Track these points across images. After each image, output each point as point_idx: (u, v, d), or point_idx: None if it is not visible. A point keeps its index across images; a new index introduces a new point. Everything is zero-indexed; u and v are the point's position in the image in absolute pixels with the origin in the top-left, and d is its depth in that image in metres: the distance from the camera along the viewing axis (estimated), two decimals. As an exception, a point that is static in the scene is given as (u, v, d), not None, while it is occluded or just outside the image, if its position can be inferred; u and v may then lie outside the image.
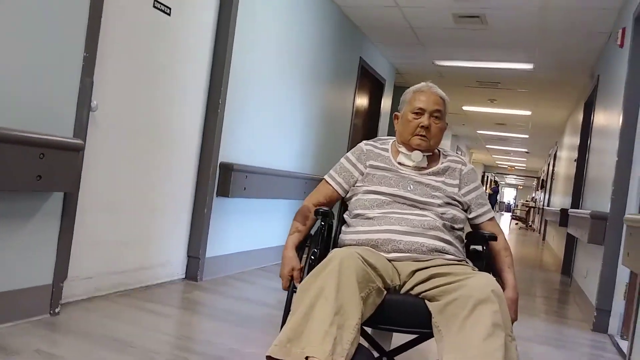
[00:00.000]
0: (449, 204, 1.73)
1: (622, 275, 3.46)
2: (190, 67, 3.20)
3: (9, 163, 1.96)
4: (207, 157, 3.34)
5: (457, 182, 1.79)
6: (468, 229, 1.88)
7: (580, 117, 6.18)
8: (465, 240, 1.80)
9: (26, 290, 2.23)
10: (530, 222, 18.38)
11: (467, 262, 1.70)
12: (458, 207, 1.75)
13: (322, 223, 1.72)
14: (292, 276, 1.61)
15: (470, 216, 1.81)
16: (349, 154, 1.88)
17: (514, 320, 1.55)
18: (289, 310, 1.41)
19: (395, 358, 1.71)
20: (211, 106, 3.34)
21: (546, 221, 11.01)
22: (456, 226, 1.72)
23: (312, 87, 4.72)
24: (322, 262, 1.46)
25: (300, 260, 1.67)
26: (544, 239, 12.03)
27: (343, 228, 1.80)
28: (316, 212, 1.74)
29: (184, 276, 3.40)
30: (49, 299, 2.33)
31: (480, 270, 1.65)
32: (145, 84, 2.88)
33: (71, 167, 2.22)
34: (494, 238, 1.72)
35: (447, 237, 1.67)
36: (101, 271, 2.76)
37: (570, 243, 6.03)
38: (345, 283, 1.37)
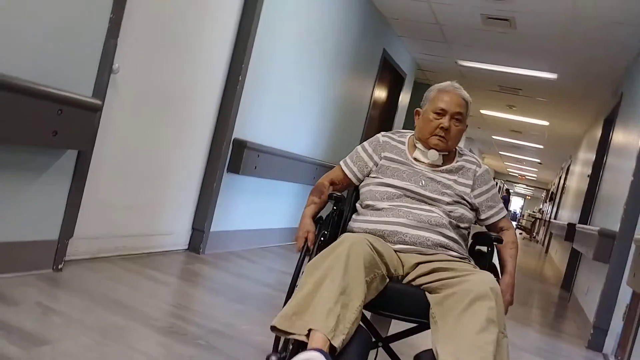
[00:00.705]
0: (457, 202, 1.76)
1: (624, 295, 3.44)
2: (214, 40, 3.19)
3: (27, 116, 1.97)
4: (222, 131, 3.34)
5: (469, 182, 1.81)
6: (476, 229, 1.90)
7: (599, 133, 6.10)
8: (471, 240, 1.85)
9: (32, 243, 2.25)
10: (534, 233, 18.29)
11: (469, 260, 1.74)
12: (467, 206, 1.78)
13: (334, 208, 1.76)
14: (306, 239, 1.65)
15: (483, 217, 1.85)
16: (365, 144, 1.91)
17: (510, 303, 1.65)
18: (295, 285, 1.49)
19: (390, 345, 1.77)
20: (231, 81, 3.33)
21: (551, 234, 10.95)
22: (462, 225, 1.76)
23: (332, 73, 4.69)
24: (332, 244, 1.51)
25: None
26: (546, 251, 11.98)
27: (353, 216, 1.84)
28: (329, 196, 1.78)
29: (186, 247, 3.41)
30: (53, 255, 2.35)
31: (482, 269, 1.69)
32: (168, 52, 2.87)
33: (88, 126, 2.22)
34: (500, 240, 1.77)
35: (452, 234, 1.71)
36: (106, 233, 2.77)
37: (574, 258, 6.00)
38: (353, 266, 1.43)
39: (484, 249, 1.81)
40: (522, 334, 3.69)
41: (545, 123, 8.90)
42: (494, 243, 1.77)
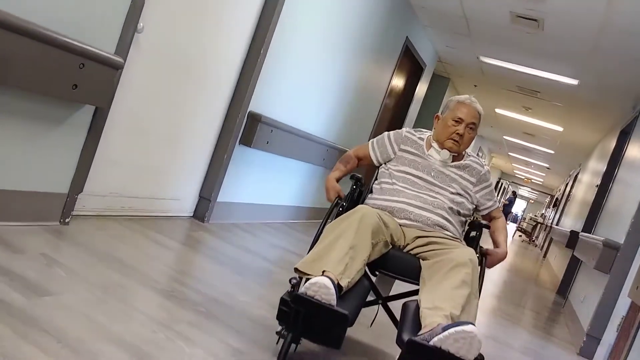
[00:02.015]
0: (459, 194, 2.12)
1: (620, 307, 3.44)
2: (240, 10, 3.15)
3: (49, 66, 1.96)
4: (238, 102, 3.32)
5: (473, 180, 2.17)
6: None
7: (613, 144, 6.05)
8: (467, 227, 2.23)
9: (42, 194, 2.26)
10: (534, 237, 18.28)
11: (460, 240, 2.08)
12: (468, 199, 2.15)
13: (354, 187, 2.16)
14: (337, 193, 2.09)
15: (481, 208, 2.22)
16: (391, 133, 2.26)
17: (489, 266, 2.03)
18: (317, 240, 1.86)
19: (388, 304, 2.14)
20: (252, 53, 3.30)
21: (551, 239, 10.93)
22: (461, 212, 2.12)
23: (352, 57, 4.64)
24: (348, 212, 1.89)
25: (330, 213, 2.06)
26: (544, 256, 11.98)
27: (369, 195, 2.18)
28: (352, 177, 2.17)
29: (191, 215, 3.42)
30: (61, 208, 2.36)
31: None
32: (193, 17, 2.84)
33: (108, 83, 2.22)
34: (488, 227, 2.21)
35: (449, 217, 2.06)
36: (115, 192, 2.78)
37: (573, 265, 5.99)
38: (362, 230, 1.79)
39: (475, 234, 2.22)
40: (512, 332, 3.72)
41: (559, 128, 8.82)
42: (483, 228, 2.21)
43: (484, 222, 2.21)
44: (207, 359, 1.67)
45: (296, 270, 1.73)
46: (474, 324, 1.49)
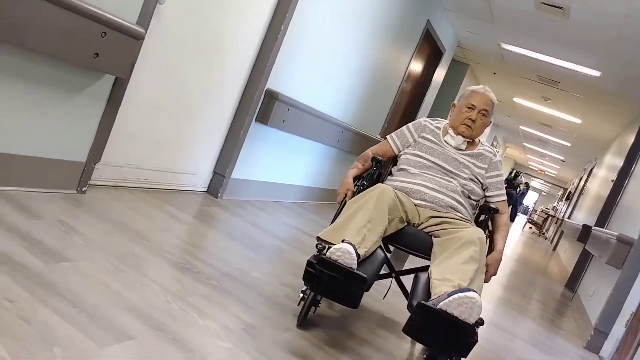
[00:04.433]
0: (472, 179, 2.26)
1: (630, 303, 3.43)
2: (262, -15, 3.12)
3: (72, 33, 1.96)
4: (256, 79, 3.30)
5: (485, 166, 2.32)
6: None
7: (631, 139, 5.96)
8: (478, 211, 2.36)
9: (60, 162, 2.28)
10: (544, 230, 18.18)
11: (471, 222, 2.22)
12: (479, 185, 2.29)
13: (375, 168, 2.34)
14: (345, 195, 2.20)
15: (487, 194, 2.34)
16: (410, 125, 2.43)
17: (493, 274, 2.08)
18: (338, 215, 2.07)
19: (400, 277, 2.35)
20: (272, 30, 3.27)
21: (562, 232, 10.87)
22: (472, 197, 2.26)
23: (372, 40, 4.59)
24: (369, 188, 2.08)
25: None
26: (554, 249, 11.93)
27: (389, 177, 2.37)
28: (372, 159, 2.34)
29: (205, 190, 3.44)
30: (79, 177, 2.37)
31: None
32: (215, -9, 2.82)
33: (129, 53, 2.21)
34: (497, 211, 2.30)
35: (461, 200, 2.21)
36: (131, 163, 2.80)
37: (584, 259, 5.96)
38: (380, 205, 1.97)
39: (484, 217, 2.35)
40: (519, 322, 3.72)
41: (578, 121, 8.70)
42: (493, 214, 2.32)
43: (492, 206, 2.30)
44: (220, 331, 1.69)
45: (318, 239, 1.89)
46: (476, 292, 1.62)
